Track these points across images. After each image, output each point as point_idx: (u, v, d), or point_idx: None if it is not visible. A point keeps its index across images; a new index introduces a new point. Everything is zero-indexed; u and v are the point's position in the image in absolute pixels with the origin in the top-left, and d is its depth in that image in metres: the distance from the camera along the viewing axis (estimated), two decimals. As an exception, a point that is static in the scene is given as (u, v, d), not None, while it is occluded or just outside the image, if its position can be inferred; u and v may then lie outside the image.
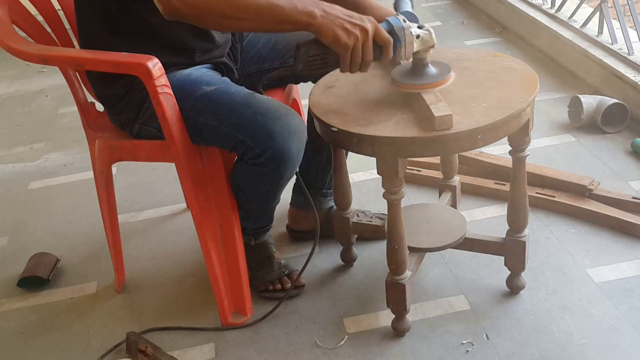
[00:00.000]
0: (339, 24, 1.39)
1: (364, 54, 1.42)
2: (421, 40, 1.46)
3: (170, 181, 2.40)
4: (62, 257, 2.09)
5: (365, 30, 1.40)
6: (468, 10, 3.87)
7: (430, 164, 2.30)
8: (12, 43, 1.62)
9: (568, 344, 1.61)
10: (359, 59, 1.42)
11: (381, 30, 1.43)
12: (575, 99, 2.50)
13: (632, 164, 2.27)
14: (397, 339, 1.68)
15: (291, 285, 1.81)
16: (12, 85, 3.62)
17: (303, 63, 1.44)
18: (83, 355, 1.75)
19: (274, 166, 1.56)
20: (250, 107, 1.55)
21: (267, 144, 1.53)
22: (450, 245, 1.73)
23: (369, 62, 1.44)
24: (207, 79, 1.63)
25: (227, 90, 1.61)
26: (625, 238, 1.93)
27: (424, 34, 1.47)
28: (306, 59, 1.44)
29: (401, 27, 1.45)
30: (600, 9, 2.76)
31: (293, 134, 1.54)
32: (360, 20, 1.41)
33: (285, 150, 1.53)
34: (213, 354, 1.71)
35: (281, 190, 1.69)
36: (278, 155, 1.54)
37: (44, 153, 2.84)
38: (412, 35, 1.45)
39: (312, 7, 1.40)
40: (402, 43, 1.45)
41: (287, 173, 1.60)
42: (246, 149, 1.56)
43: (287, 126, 1.54)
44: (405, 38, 1.45)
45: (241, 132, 1.55)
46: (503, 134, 1.46)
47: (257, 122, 1.53)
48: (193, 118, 1.59)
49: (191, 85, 1.61)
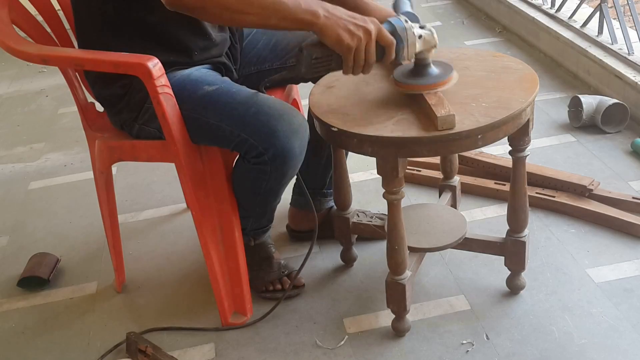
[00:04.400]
0: (342, 25, 1.38)
1: (366, 55, 1.41)
2: (423, 41, 1.45)
3: (170, 181, 2.40)
4: (62, 257, 2.09)
5: (368, 31, 1.39)
6: (468, 10, 3.87)
7: (430, 164, 2.30)
8: (12, 43, 1.62)
9: (568, 344, 1.61)
10: (362, 61, 1.41)
11: (384, 32, 1.42)
12: (575, 99, 2.50)
13: (632, 164, 2.27)
14: (397, 339, 1.68)
15: (290, 285, 1.81)
16: (12, 86, 3.62)
17: (306, 66, 1.43)
18: (83, 355, 1.75)
19: (277, 165, 1.55)
20: (253, 105, 1.55)
21: (270, 143, 1.52)
22: (450, 245, 1.73)
23: (372, 64, 1.43)
24: (209, 79, 1.63)
25: (228, 89, 1.60)
26: (625, 238, 1.93)
27: (426, 34, 1.46)
28: (309, 62, 1.43)
29: (403, 28, 1.44)
30: (600, 9, 2.76)
31: (296, 132, 1.54)
32: (364, 22, 1.40)
33: (288, 149, 1.53)
34: (213, 354, 1.71)
35: (282, 189, 1.68)
36: (281, 154, 1.53)
37: (44, 153, 2.84)
38: (415, 35, 1.44)
39: (316, 6, 1.39)
40: (404, 44, 1.44)
41: (290, 171, 1.59)
42: (249, 148, 1.55)
43: (290, 124, 1.53)
44: (407, 39, 1.44)
45: (243, 131, 1.54)
46: (503, 134, 1.46)
47: (259, 120, 1.53)
48: (194, 118, 1.59)
49: (192, 85, 1.61)
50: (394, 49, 1.43)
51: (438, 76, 1.50)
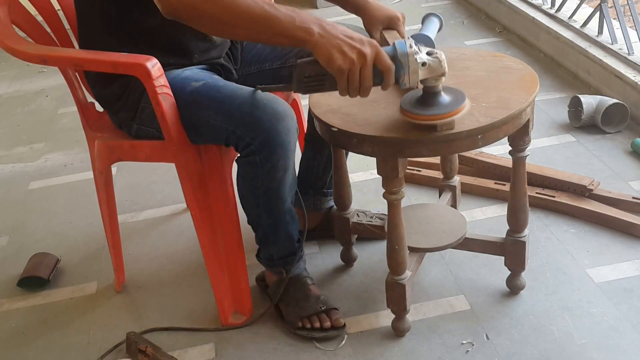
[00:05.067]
0: (335, 45, 1.32)
1: (362, 79, 1.33)
2: (428, 68, 1.34)
3: (170, 181, 2.40)
4: (62, 257, 2.09)
5: (362, 54, 1.31)
6: (468, 10, 3.87)
7: (430, 164, 2.30)
8: (12, 43, 1.62)
9: (568, 344, 1.61)
10: (357, 84, 1.34)
11: (382, 55, 1.33)
12: (575, 99, 2.50)
13: (632, 164, 2.27)
14: (397, 339, 1.68)
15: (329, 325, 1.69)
16: (12, 86, 3.62)
17: (297, 83, 1.39)
18: (83, 355, 1.75)
19: (266, 155, 1.53)
20: (237, 98, 1.55)
21: (256, 132, 1.51)
22: (450, 245, 1.73)
23: (369, 88, 1.35)
24: (196, 76, 1.63)
25: (215, 84, 1.60)
26: (625, 238, 1.93)
27: (432, 62, 1.34)
28: (301, 79, 1.38)
29: (405, 54, 1.33)
30: (600, 9, 2.76)
31: (281, 119, 1.52)
32: (360, 44, 1.32)
33: (273, 135, 1.51)
34: (213, 354, 1.71)
35: (281, 187, 1.61)
36: (267, 141, 1.51)
37: (44, 153, 2.84)
38: (417, 62, 1.33)
39: (311, 24, 1.33)
40: (405, 70, 1.33)
41: (280, 162, 1.55)
42: (237, 141, 1.54)
43: (273, 112, 1.52)
44: (409, 65, 1.33)
45: (230, 123, 1.54)
46: (503, 134, 1.46)
47: (243, 111, 1.52)
48: (186, 116, 1.59)
49: (181, 83, 1.60)
50: (392, 75, 1.34)
51: (448, 105, 1.40)
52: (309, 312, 1.71)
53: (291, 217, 1.69)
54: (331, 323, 1.70)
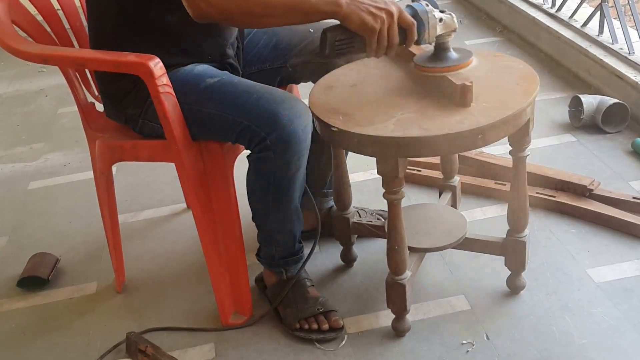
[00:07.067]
0: (364, 9, 1.42)
1: (389, 37, 1.44)
2: (444, 24, 1.49)
3: (170, 181, 2.40)
4: (62, 257, 2.09)
5: (390, 13, 1.43)
6: (468, 10, 3.87)
7: (430, 164, 2.30)
8: (12, 43, 1.62)
9: (568, 344, 1.61)
10: (385, 42, 1.44)
11: (405, 14, 1.45)
12: (576, 99, 2.50)
13: (632, 164, 2.27)
14: (397, 339, 1.68)
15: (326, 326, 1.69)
16: (12, 85, 3.62)
17: (330, 48, 1.46)
18: (83, 355, 1.75)
19: (281, 150, 1.52)
20: (254, 93, 1.55)
21: (272, 127, 1.51)
22: (450, 245, 1.73)
23: (395, 45, 1.46)
24: (210, 72, 1.63)
25: (230, 80, 1.61)
26: (626, 238, 1.93)
27: (447, 18, 1.50)
28: (332, 43, 1.46)
29: (425, 11, 1.48)
30: (601, 9, 2.75)
31: (299, 116, 1.52)
32: (385, 4, 1.43)
33: (291, 132, 1.51)
34: (213, 354, 1.71)
35: (292, 185, 1.61)
36: (284, 137, 1.51)
37: (44, 153, 2.84)
38: (435, 18, 1.48)
39: None
40: (426, 26, 1.48)
41: (295, 159, 1.55)
42: (252, 135, 1.53)
43: (292, 109, 1.52)
44: (429, 21, 1.48)
45: (245, 117, 1.53)
46: (503, 134, 1.46)
47: (261, 105, 1.53)
48: (197, 110, 1.59)
49: (194, 79, 1.61)
50: (416, 31, 1.46)
51: (459, 59, 1.54)
52: (307, 314, 1.71)
53: (297, 217, 1.70)
54: (329, 325, 1.70)
